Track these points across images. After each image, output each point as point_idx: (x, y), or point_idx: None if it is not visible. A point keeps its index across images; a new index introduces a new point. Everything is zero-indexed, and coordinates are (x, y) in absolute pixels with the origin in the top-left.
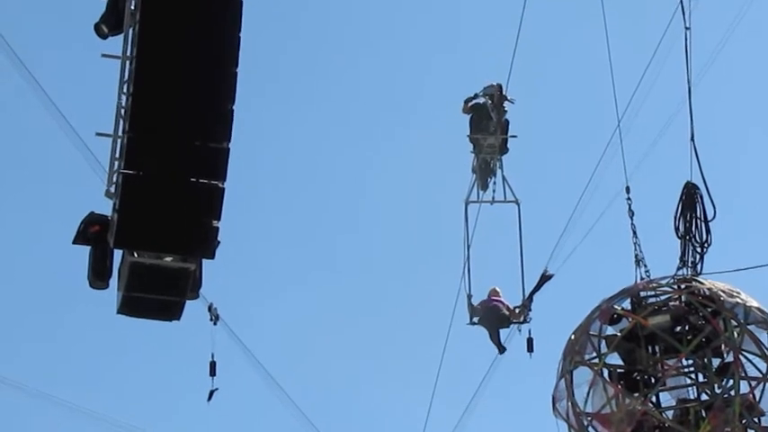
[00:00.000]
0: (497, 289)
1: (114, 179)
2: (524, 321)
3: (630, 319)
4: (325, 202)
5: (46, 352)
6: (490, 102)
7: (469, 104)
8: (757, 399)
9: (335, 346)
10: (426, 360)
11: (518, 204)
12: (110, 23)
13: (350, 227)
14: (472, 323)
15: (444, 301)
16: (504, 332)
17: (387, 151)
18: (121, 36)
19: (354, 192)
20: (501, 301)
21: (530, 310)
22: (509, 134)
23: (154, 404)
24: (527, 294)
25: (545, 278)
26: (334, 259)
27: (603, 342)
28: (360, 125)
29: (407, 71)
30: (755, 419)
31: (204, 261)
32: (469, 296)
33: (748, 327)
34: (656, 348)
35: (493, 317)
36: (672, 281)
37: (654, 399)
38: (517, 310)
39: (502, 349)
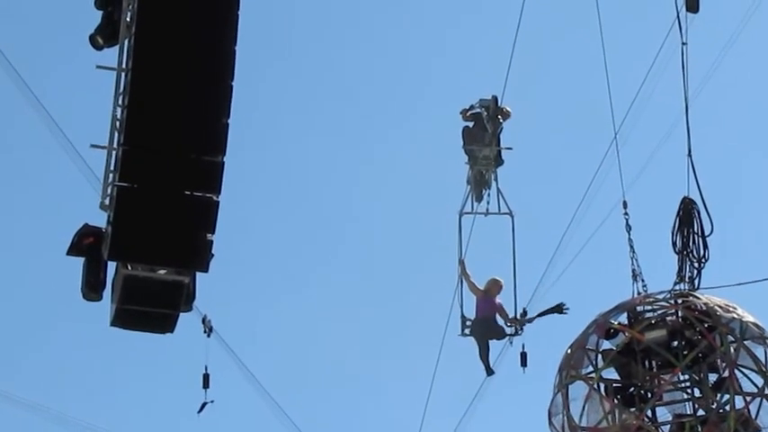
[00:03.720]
0: (499, 280)
1: (109, 191)
2: (516, 333)
3: (626, 334)
4: (319, 215)
5: (38, 363)
6: (485, 113)
7: (469, 112)
8: (753, 414)
9: (330, 359)
10: (420, 372)
11: (512, 216)
12: (105, 35)
13: (343, 239)
14: (464, 335)
15: (438, 313)
16: (498, 345)
17: (381, 162)
18: (117, 48)
19: (348, 203)
20: (499, 308)
21: (527, 322)
22: (504, 146)
23: (147, 416)
24: (535, 314)
25: (558, 309)
26: (329, 271)
27: (600, 356)
28: (353, 137)
29: (403, 81)
30: None
31: (198, 274)
32: (464, 318)
33: (744, 342)
34: (653, 363)
35: (486, 329)
36: (668, 295)
37: (650, 413)
38: (510, 323)
39: (490, 371)
